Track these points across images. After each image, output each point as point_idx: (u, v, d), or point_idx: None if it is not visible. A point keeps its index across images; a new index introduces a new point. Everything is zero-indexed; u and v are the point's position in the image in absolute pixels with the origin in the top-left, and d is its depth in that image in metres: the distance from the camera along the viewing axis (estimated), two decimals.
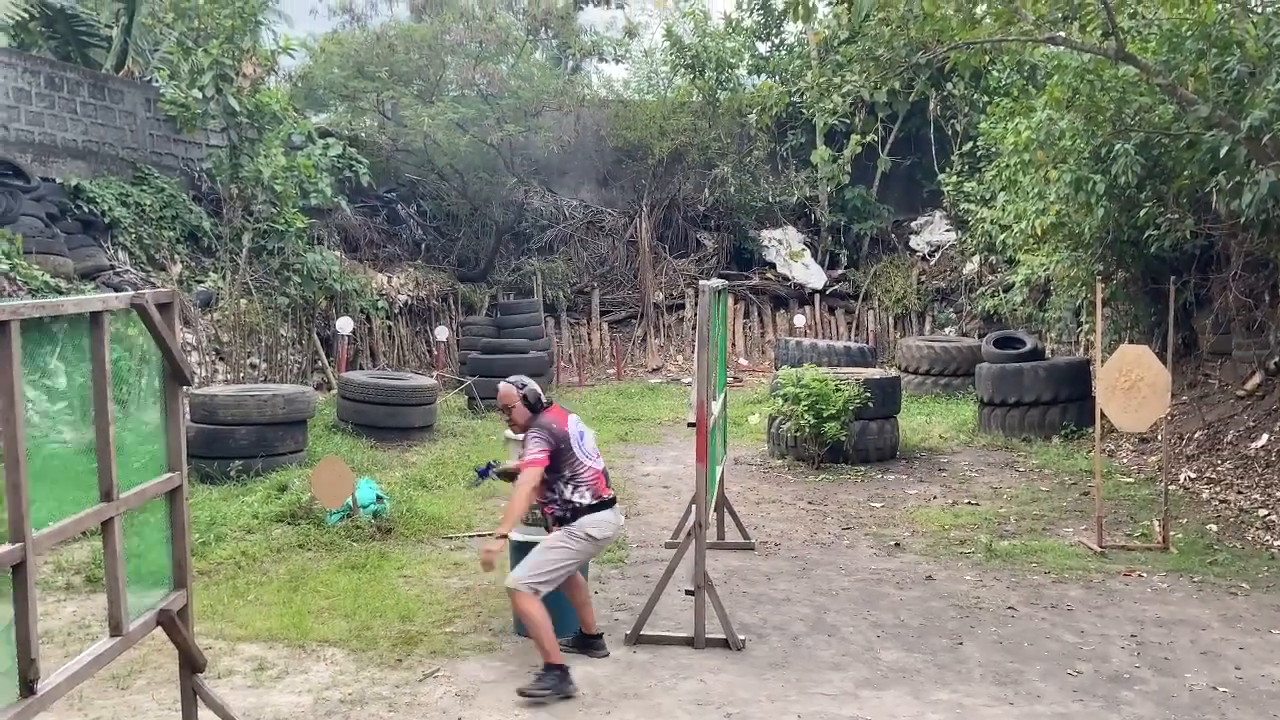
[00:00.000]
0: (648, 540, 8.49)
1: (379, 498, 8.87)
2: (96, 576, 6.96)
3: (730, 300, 17.11)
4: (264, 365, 14.06)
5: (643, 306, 21.15)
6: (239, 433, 10.13)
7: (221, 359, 13.40)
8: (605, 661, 5.98)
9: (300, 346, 15.04)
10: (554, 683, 5.45)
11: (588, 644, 6.03)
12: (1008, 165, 12.39)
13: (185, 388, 4.83)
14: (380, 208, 20.11)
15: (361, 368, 15.58)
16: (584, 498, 5.66)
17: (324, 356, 15.36)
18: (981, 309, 18.25)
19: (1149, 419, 7.95)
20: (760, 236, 21.55)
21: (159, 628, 4.58)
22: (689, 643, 6.19)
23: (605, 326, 21.00)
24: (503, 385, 5.88)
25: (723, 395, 8.13)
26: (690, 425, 6.29)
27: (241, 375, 13.37)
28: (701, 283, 6.57)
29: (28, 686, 3.68)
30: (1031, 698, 5.47)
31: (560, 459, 5.62)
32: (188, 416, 9.87)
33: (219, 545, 8.01)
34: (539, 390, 5.87)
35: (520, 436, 5.83)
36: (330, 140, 15.94)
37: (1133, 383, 7.83)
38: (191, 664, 4.77)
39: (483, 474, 6.21)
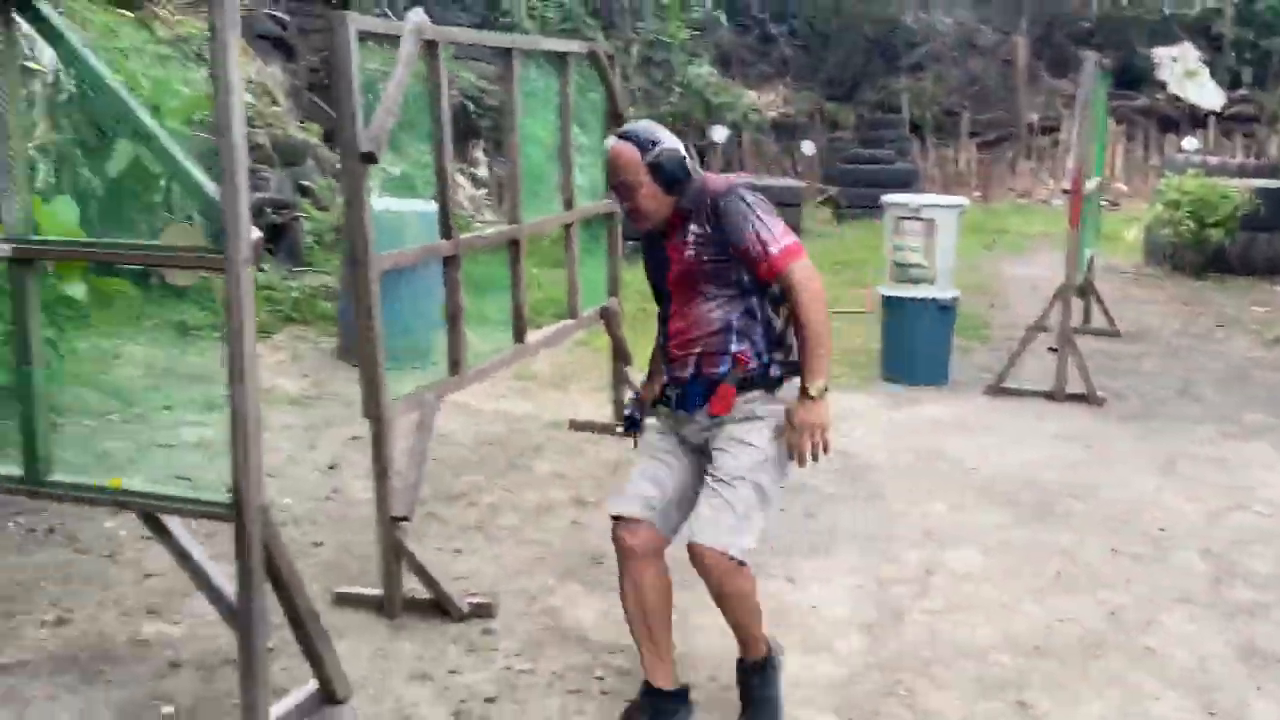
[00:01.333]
0: (1012, 323, 8.81)
1: None
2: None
3: (1111, 121, 16.33)
4: None
5: (1014, 128, 20.51)
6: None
7: None
8: (966, 401, 6.53)
9: None
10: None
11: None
12: None
13: None
14: (752, 26, 20.58)
15: None
16: (792, 351, 3.01)
17: (699, 164, 16.33)
18: None
19: None
20: (1151, 54, 20.12)
21: (600, 322, 5.62)
22: (1049, 396, 6.60)
23: (973, 148, 20.61)
24: (612, 142, 3.06)
25: (1096, 181, 8.19)
26: (1065, 191, 6.54)
27: None
28: (1085, 53, 6.68)
29: (520, 335, 4.77)
30: None
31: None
32: None
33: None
34: (682, 152, 3.02)
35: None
36: None
37: None
38: (623, 357, 5.81)
39: (633, 424, 3.40)
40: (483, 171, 12.48)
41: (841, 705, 3.27)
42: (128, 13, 8.83)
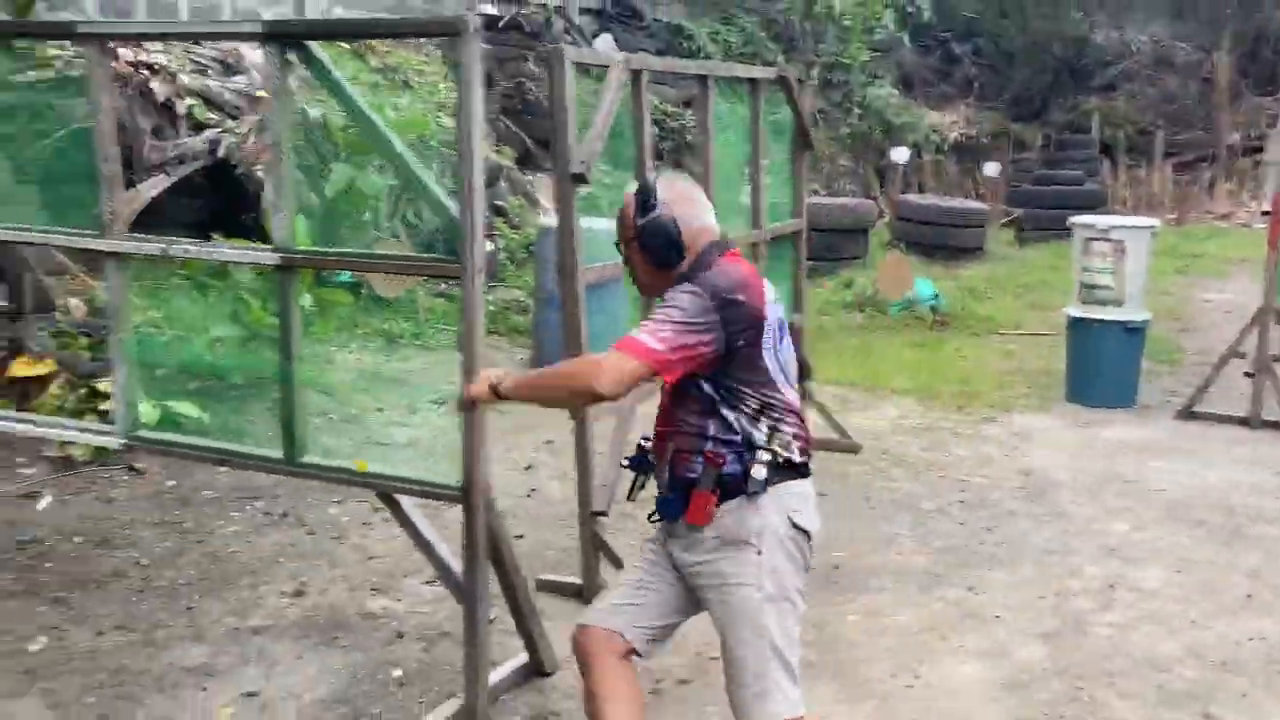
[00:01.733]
0: (1204, 349, 8.56)
1: (935, 295, 9.71)
2: None
3: None
4: (823, 192, 15.29)
5: (1214, 149, 19.68)
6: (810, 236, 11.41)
7: None
8: (1155, 426, 6.44)
9: (856, 176, 16.10)
10: None
11: None
12: None
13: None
14: (935, 46, 20.41)
15: None
16: (791, 448, 2.57)
17: (877, 186, 16.32)
18: None
19: None
20: None
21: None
22: (1243, 422, 6.43)
23: (1168, 169, 19.87)
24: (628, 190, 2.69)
25: None
26: (1265, 213, 6.38)
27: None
28: None
29: None
30: None
31: (740, 364, 2.52)
32: None
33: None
34: (672, 229, 2.55)
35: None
36: None
37: None
38: (803, 371, 5.97)
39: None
40: None
41: (1023, 708, 3.38)
42: (346, 45, 9.54)
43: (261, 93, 8.69)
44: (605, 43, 12.84)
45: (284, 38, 3.10)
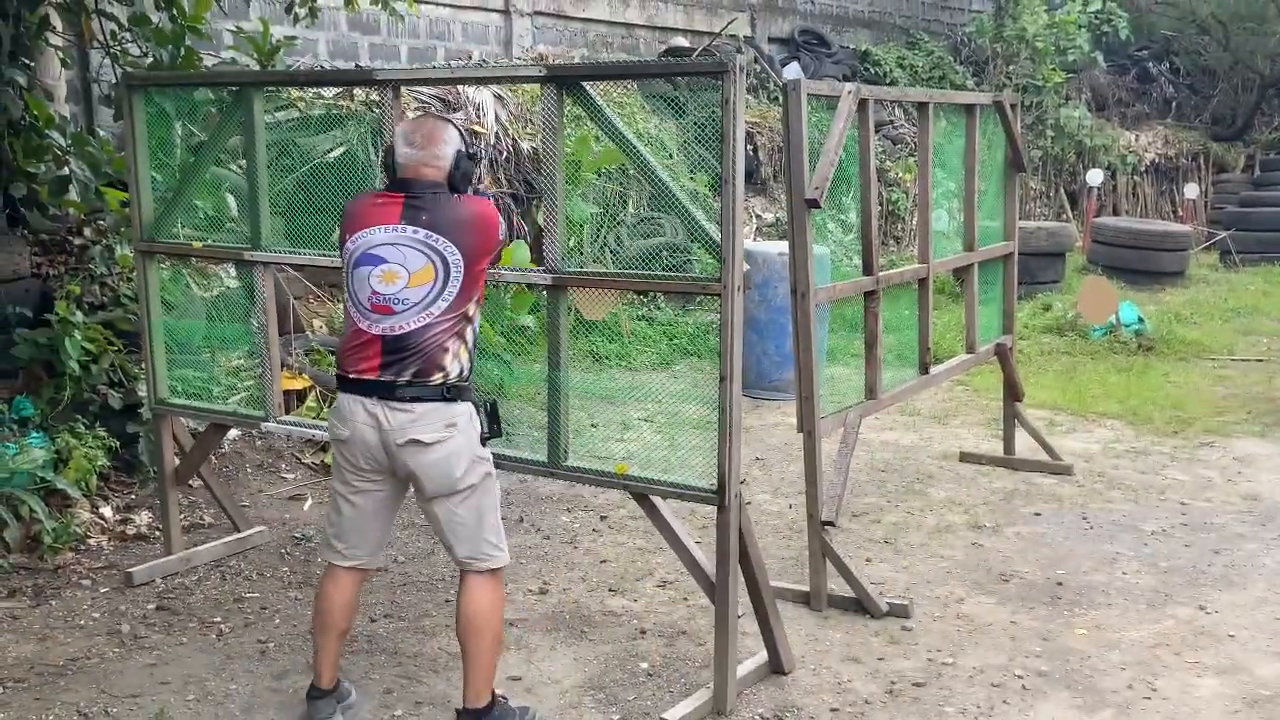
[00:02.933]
0: None
1: (1140, 319, 9.50)
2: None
3: None
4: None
5: None
6: None
7: None
8: None
9: (1048, 199, 15.80)
10: None
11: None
12: None
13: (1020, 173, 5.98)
14: (1130, 66, 19.81)
15: None
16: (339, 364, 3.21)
17: (1069, 209, 15.97)
18: None
19: None
20: None
21: (994, 358, 5.88)
22: None
23: None
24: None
25: None
26: None
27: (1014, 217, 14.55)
28: None
29: (924, 368, 5.15)
30: None
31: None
32: None
33: None
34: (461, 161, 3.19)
35: None
36: None
37: None
38: (1014, 393, 6.03)
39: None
40: (851, 217, 12.92)
41: None
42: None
43: (477, 127, 9.27)
44: (794, 71, 13.04)
45: (562, 80, 3.43)
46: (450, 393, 3.10)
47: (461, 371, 3.14)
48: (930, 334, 5.13)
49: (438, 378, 3.08)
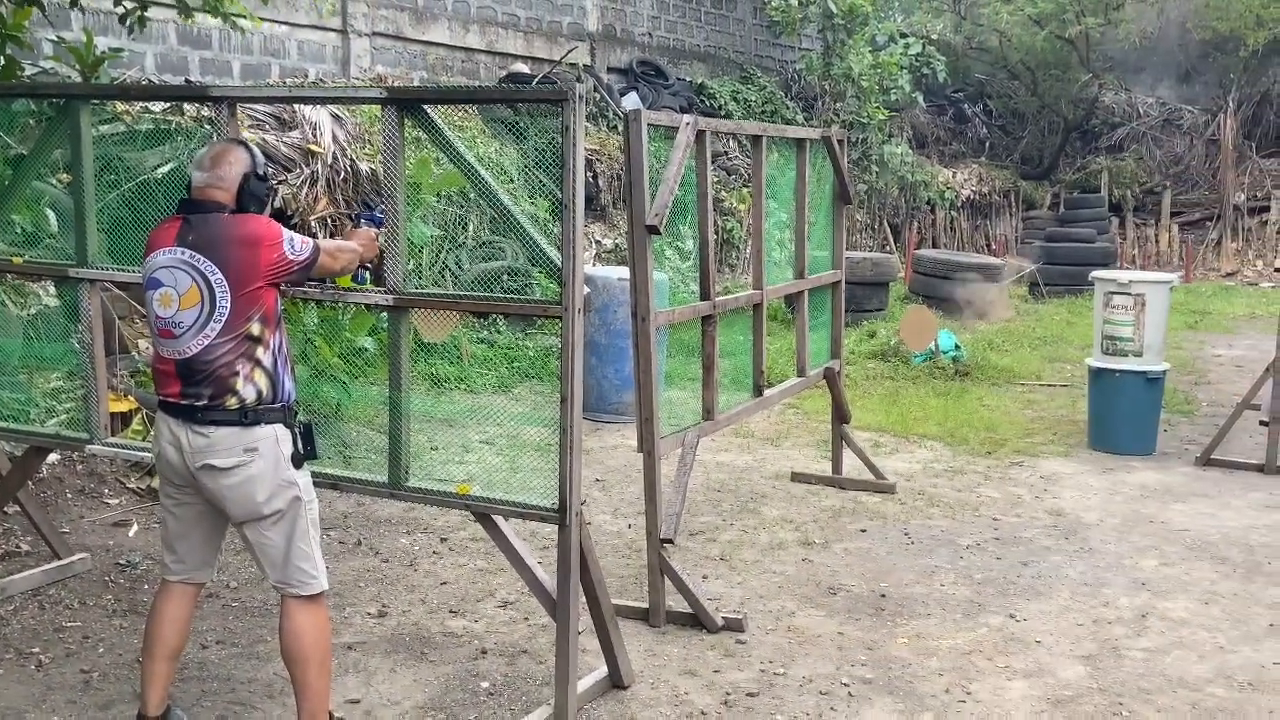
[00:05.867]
0: (1217, 400, 8.85)
1: (956, 345, 10.04)
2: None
3: None
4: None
5: (1220, 208, 20.10)
6: None
7: None
8: (1175, 472, 6.73)
9: (873, 231, 16.51)
10: None
11: None
12: None
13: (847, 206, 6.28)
14: (948, 106, 20.93)
15: None
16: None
17: (892, 241, 16.73)
18: None
19: None
20: None
21: (824, 382, 6.13)
22: (1259, 469, 6.72)
23: (1175, 228, 20.28)
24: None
25: None
26: (1277, 270, 6.72)
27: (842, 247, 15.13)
28: None
29: (758, 390, 5.33)
30: None
31: None
32: None
33: None
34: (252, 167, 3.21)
35: None
36: (910, 40, 17.05)
37: None
38: (841, 415, 6.30)
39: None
40: (688, 245, 13.21)
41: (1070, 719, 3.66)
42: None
43: (314, 146, 9.13)
44: (633, 101, 13.29)
45: (403, 102, 3.46)
46: (249, 416, 3.07)
47: (260, 394, 3.09)
48: (764, 358, 5.33)
49: (232, 401, 3.06)
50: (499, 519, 3.59)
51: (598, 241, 12.30)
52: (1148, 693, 3.84)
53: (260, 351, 3.11)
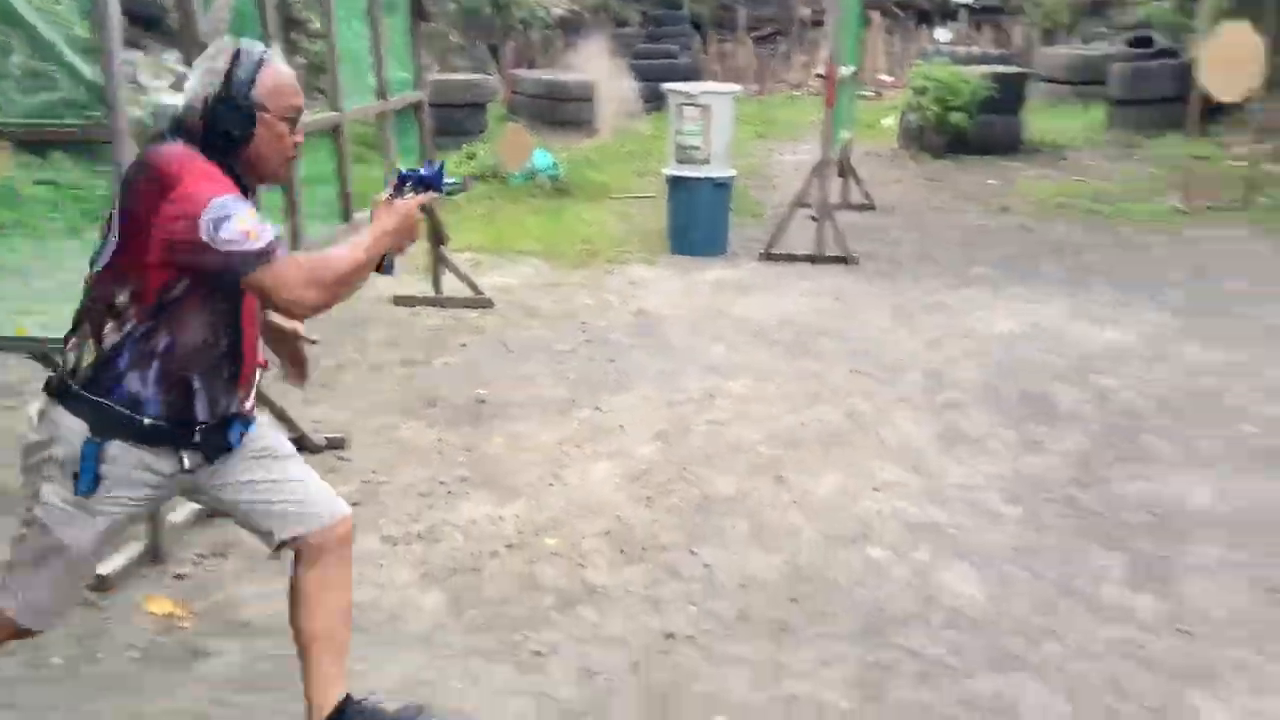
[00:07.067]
0: (782, 202, 9.75)
1: (553, 164, 10.35)
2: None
3: (876, 15, 17.65)
4: (436, 68, 15.45)
5: (788, 23, 21.62)
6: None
7: None
8: (741, 267, 7.47)
9: (471, 54, 16.37)
10: None
11: None
12: None
13: None
14: None
15: None
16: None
17: (493, 62, 16.68)
18: (1134, 20, 18.21)
19: (1243, 87, 8.83)
20: None
21: None
22: (811, 259, 7.60)
23: (750, 42, 21.62)
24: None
25: (850, 70, 9.16)
26: (819, 76, 7.45)
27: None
28: None
29: (346, 215, 5.32)
30: (1090, 291, 6.80)
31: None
32: None
33: None
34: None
35: None
36: None
37: (1232, 56, 8.64)
38: (439, 238, 6.41)
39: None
40: None
41: (644, 489, 4.13)
42: None
43: None
44: None
45: None
46: None
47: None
48: (349, 182, 5.28)
49: None
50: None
51: (178, 71, 11.37)
52: (710, 458, 4.40)
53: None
